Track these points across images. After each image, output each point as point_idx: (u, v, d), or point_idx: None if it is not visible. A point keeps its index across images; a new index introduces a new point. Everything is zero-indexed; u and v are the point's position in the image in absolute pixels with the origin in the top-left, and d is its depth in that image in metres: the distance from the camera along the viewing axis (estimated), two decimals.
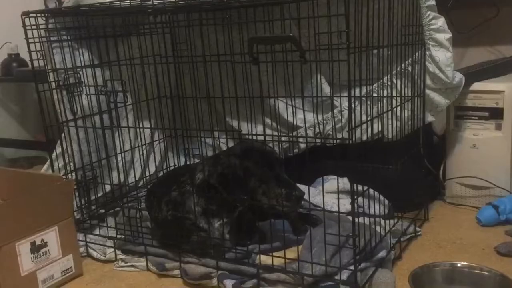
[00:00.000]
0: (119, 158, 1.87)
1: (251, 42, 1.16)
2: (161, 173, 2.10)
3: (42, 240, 1.44)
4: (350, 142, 1.26)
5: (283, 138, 1.94)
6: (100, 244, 1.66)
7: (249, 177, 1.45)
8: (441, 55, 1.61)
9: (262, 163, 1.46)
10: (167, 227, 1.58)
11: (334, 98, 1.82)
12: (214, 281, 1.41)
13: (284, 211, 1.47)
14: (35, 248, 1.42)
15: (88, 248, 1.66)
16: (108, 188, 1.86)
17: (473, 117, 1.77)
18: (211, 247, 1.47)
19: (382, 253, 1.39)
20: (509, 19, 1.98)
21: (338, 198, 1.41)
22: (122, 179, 1.90)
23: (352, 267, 1.28)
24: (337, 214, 1.31)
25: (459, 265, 1.28)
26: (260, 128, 1.86)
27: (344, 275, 1.29)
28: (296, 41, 1.11)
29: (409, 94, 1.67)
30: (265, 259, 1.40)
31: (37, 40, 1.63)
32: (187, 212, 1.53)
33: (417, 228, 1.64)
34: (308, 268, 1.31)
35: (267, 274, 1.36)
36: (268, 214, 1.57)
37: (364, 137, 1.66)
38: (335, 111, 1.83)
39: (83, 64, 1.73)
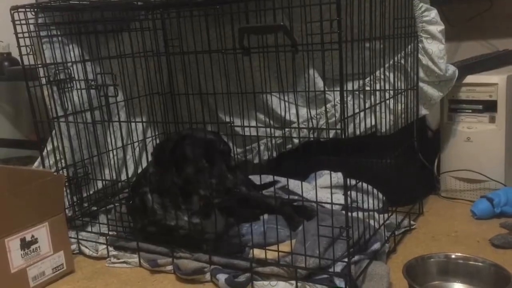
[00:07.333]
0: (111, 155, 1.86)
1: (242, 32, 1.15)
2: None
3: (33, 236, 1.42)
4: (343, 132, 1.24)
5: (276, 133, 1.93)
6: (92, 241, 1.64)
7: (184, 164, 1.42)
8: (434, 47, 1.60)
9: (201, 151, 1.43)
10: (151, 234, 1.54)
11: (328, 92, 1.81)
12: (207, 276, 1.39)
13: (215, 202, 1.44)
14: (25, 244, 1.40)
15: (80, 245, 1.64)
16: (100, 185, 1.84)
17: (467, 110, 1.77)
18: (203, 241, 1.45)
19: (376, 246, 1.38)
20: (502, 13, 1.98)
21: (331, 193, 1.40)
22: (114, 177, 1.88)
23: (346, 260, 1.27)
24: (331, 207, 1.29)
25: (453, 256, 1.27)
26: (253, 124, 1.85)
27: (338, 267, 1.28)
28: (287, 30, 1.09)
29: (402, 87, 1.66)
30: (258, 253, 1.38)
31: (26, 35, 1.61)
32: (152, 213, 1.51)
33: (412, 222, 1.63)
34: (301, 261, 1.30)
35: (260, 268, 1.34)
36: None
37: (358, 132, 1.65)
38: (329, 105, 1.82)
39: (73, 60, 1.72)
